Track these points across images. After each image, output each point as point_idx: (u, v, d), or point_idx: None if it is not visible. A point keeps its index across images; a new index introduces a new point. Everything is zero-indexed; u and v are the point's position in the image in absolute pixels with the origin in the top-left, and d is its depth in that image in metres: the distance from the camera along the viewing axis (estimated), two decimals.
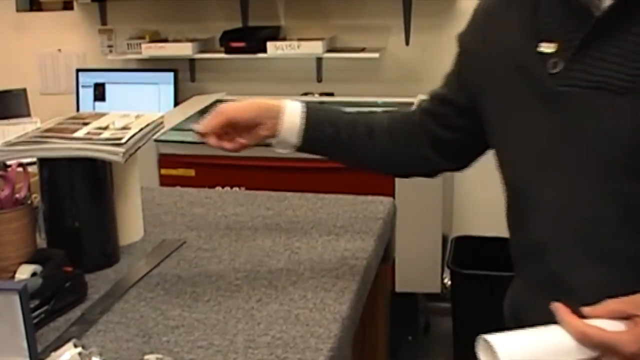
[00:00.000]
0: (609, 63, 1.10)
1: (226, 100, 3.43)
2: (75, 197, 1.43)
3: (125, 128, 1.49)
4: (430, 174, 1.50)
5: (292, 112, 1.37)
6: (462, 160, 1.44)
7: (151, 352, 1.11)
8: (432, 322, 3.40)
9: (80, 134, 1.44)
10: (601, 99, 1.10)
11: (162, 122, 1.61)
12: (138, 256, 1.51)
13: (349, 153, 1.43)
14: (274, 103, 1.37)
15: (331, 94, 3.44)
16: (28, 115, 3.30)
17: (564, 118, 1.14)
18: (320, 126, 1.39)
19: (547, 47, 1.16)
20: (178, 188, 2.02)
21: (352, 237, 1.57)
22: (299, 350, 1.13)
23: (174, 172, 2.86)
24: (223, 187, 2.78)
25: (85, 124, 1.52)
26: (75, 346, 1.01)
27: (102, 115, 1.61)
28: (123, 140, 1.40)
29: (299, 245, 1.53)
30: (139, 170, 1.63)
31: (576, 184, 1.14)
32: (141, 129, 1.49)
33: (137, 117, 1.58)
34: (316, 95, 3.44)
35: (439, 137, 1.39)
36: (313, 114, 1.39)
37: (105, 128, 1.49)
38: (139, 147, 1.49)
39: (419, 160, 1.43)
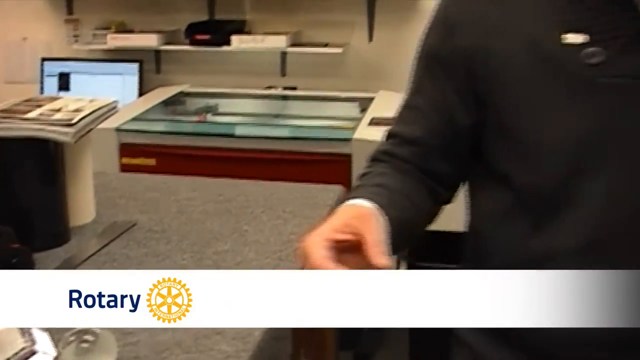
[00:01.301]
0: None
1: (189, 92, 3.48)
2: (26, 177, 1.45)
3: (77, 110, 1.51)
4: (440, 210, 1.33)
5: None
6: (458, 187, 1.33)
7: None
8: None
9: (32, 115, 1.47)
10: None
11: (115, 107, 1.64)
12: (88, 236, 1.54)
13: (415, 228, 1.26)
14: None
15: (294, 88, 3.48)
16: None
17: (610, 111, 1.10)
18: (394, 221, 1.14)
19: (576, 38, 1.11)
20: (134, 174, 2.04)
21: (300, 222, 1.61)
22: None
23: (134, 161, 2.88)
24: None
25: (39, 106, 1.54)
26: None
27: (56, 98, 1.63)
28: (73, 121, 1.43)
29: (247, 228, 1.57)
30: (92, 153, 1.65)
31: (624, 178, 1.11)
32: (93, 112, 1.52)
33: (91, 101, 1.61)
34: (279, 89, 3.48)
35: (447, 174, 1.27)
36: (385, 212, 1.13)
37: (58, 110, 1.52)
38: (91, 129, 1.52)
39: (437, 202, 1.29)
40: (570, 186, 1.13)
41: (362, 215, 1.06)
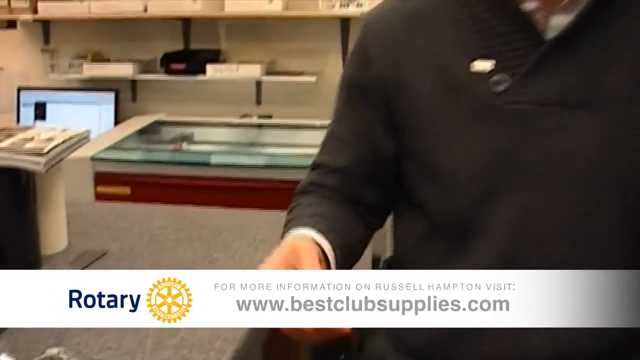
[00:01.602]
0: (564, 80, 1.11)
1: (165, 121, 3.50)
2: None
3: (49, 140, 1.53)
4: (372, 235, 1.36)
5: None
6: (388, 213, 1.34)
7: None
8: (366, 342, 3.44)
9: (4, 144, 1.48)
10: (557, 116, 1.11)
11: (87, 136, 1.65)
12: (59, 265, 1.54)
13: (354, 253, 1.27)
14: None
15: (269, 117, 3.51)
16: None
17: (516, 137, 1.13)
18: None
19: (483, 65, 1.13)
20: (107, 203, 2.06)
21: (271, 248, 1.61)
22: (204, 350, 1.17)
23: (109, 190, 2.89)
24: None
25: (11, 135, 1.56)
26: None
27: (28, 128, 1.65)
28: (45, 151, 1.44)
29: (217, 256, 1.58)
30: (67, 182, 1.66)
31: (532, 202, 1.13)
32: (64, 141, 1.53)
33: (63, 130, 1.62)
34: (255, 117, 3.51)
35: (375, 201, 1.29)
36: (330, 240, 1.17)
37: (30, 140, 1.53)
38: (62, 159, 1.53)
39: (369, 228, 1.32)
40: (481, 211, 1.15)
41: (297, 249, 1.08)
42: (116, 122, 3.56)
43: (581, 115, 1.11)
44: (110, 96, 3.60)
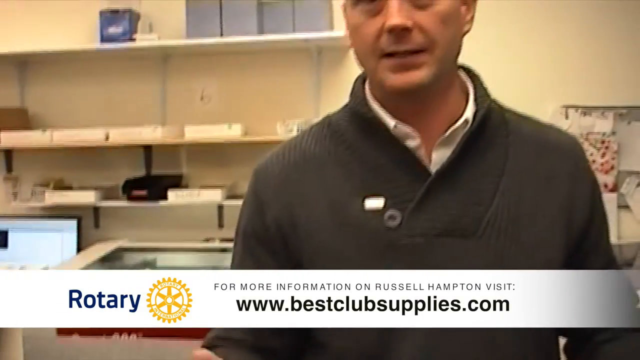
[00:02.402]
0: (450, 210, 1.16)
1: (128, 248, 3.49)
2: None
3: None
4: None
5: None
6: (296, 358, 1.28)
7: None
8: None
9: None
10: (447, 245, 1.15)
11: None
12: None
13: None
14: None
15: (232, 241, 3.51)
16: None
17: (412, 269, 1.12)
18: None
19: (374, 203, 1.17)
20: (68, 337, 2.04)
21: None
22: None
23: None
24: (121, 334, 2.79)
25: None
26: None
27: None
28: None
29: None
30: None
31: (434, 334, 1.12)
32: None
33: (21, 268, 1.64)
34: (217, 241, 3.52)
35: (282, 348, 1.24)
36: None
37: None
38: None
39: None
40: (384, 347, 1.15)
41: None
42: (79, 249, 3.54)
43: (470, 242, 1.15)
44: (73, 223, 3.60)
